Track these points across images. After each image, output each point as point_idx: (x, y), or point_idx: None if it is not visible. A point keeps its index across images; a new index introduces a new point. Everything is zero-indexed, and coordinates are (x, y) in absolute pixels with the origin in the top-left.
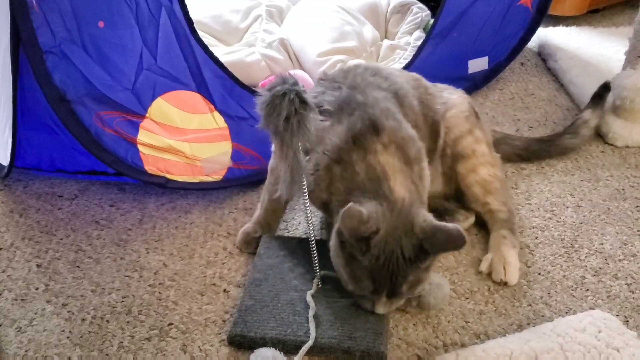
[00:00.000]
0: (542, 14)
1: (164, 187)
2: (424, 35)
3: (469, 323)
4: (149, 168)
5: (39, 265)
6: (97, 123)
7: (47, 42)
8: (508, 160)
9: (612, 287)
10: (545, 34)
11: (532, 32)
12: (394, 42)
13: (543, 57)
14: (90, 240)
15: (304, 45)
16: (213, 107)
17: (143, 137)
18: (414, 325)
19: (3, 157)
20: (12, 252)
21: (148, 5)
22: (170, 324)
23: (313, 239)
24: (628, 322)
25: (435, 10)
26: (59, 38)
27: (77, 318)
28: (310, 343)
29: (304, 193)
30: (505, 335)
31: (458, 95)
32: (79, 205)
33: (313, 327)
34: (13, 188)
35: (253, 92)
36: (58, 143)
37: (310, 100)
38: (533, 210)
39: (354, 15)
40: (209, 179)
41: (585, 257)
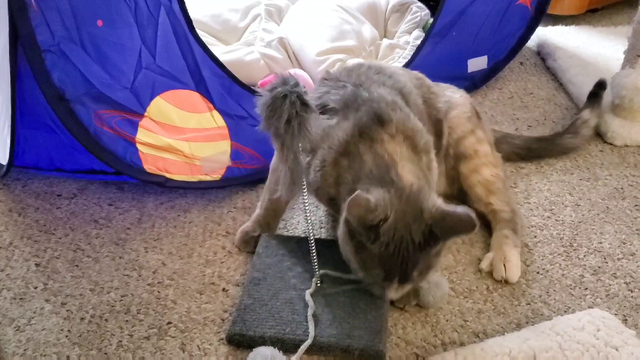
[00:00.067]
0: (541, 13)
1: (163, 186)
2: (423, 35)
3: (468, 322)
4: (148, 167)
5: (38, 264)
6: (96, 122)
7: (45, 40)
8: (508, 160)
9: (610, 286)
10: (545, 33)
11: (531, 31)
12: (393, 41)
13: (542, 56)
14: (89, 239)
15: (303, 45)
16: (212, 106)
17: (142, 136)
18: (413, 324)
19: (2, 156)
20: (10, 251)
21: (147, 4)
22: (169, 323)
23: (312, 238)
24: (627, 320)
25: (435, 10)
26: (58, 37)
27: (75, 317)
28: (309, 342)
29: (304, 194)
30: (504, 334)
31: (460, 95)
32: (78, 205)
33: (312, 325)
34: (12, 187)
35: (252, 91)
36: (57, 142)
37: (312, 102)
38: (532, 209)
39: (353, 15)
40: (208, 178)
41: (584, 256)
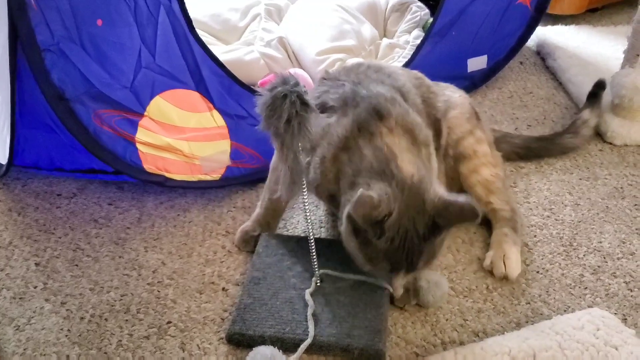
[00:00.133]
0: (540, 13)
1: (163, 185)
2: (423, 34)
3: (468, 321)
4: (148, 167)
5: (38, 264)
6: (95, 121)
7: (45, 40)
8: (507, 159)
9: (610, 285)
10: (544, 33)
11: (530, 30)
12: (393, 40)
13: (542, 55)
14: (89, 239)
15: (303, 44)
16: (212, 105)
17: (142, 135)
18: (413, 324)
19: (1, 155)
20: (10, 250)
21: (146, 4)
22: (169, 323)
23: (312, 238)
24: (626, 320)
25: (434, 9)
26: (57, 36)
27: (75, 316)
28: (309, 341)
29: (304, 193)
30: (504, 333)
31: (459, 95)
32: (78, 204)
33: (312, 325)
34: (11, 187)
35: (252, 91)
36: (56, 141)
37: (311, 102)
38: (532, 209)
39: (353, 14)
40: (208, 178)
41: (584, 255)
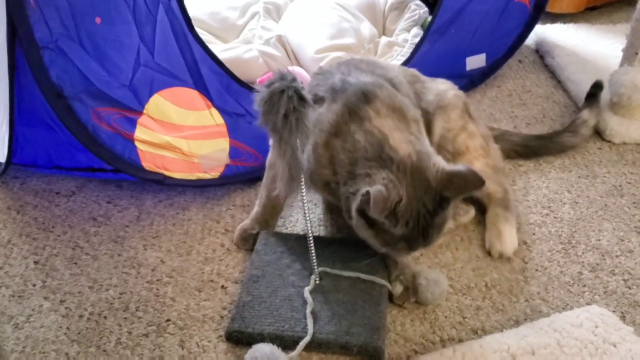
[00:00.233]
0: (539, 11)
1: (162, 184)
2: (422, 32)
3: (466, 319)
4: (147, 165)
5: (37, 262)
6: (94, 119)
7: (43, 38)
8: (506, 157)
9: (609, 282)
10: (543, 31)
11: (529, 29)
12: (392, 39)
13: (541, 54)
14: (88, 237)
15: (302, 42)
16: (210, 103)
17: (140, 133)
18: (412, 321)
19: (0, 154)
20: (9, 248)
21: (145, 2)
22: (168, 320)
23: (311, 236)
24: (625, 317)
25: (433, 7)
26: (56, 34)
27: (74, 314)
28: (308, 338)
29: (302, 190)
30: (503, 331)
31: (452, 91)
32: (77, 202)
33: (311, 322)
34: (10, 185)
35: (251, 89)
36: (55, 139)
37: (309, 97)
38: (530, 207)
39: (352, 12)
40: (207, 176)
41: (583, 253)
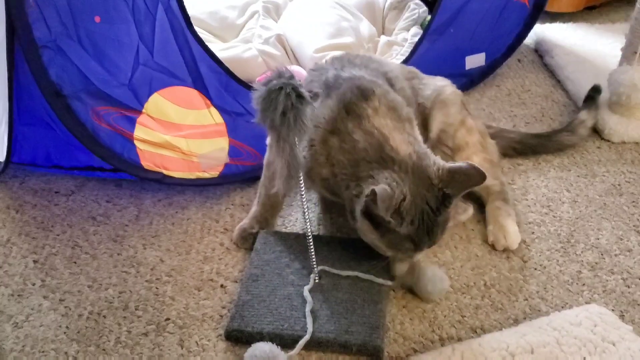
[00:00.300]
0: (538, 11)
1: (161, 183)
2: (421, 32)
3: (465, 317)
4: (146, 164)
5: (36, 261)
6: (93, 118)
7: (42, 36)
8: (505, 155)
9: (608, 281)
10: (542, 31)
11: (528, 28)
12: (391, 38)
13: (540, 53)
14: (87, 236)
15: (301, 41)
16: (209, 102)
17: (139, 132)
18: (411, 320)
19: None
20: (8, 248)
21: (145, 1)
22: (168, 319)
23: (310, 235)
24: (624, 316)
25: (432, 7)
26: (55, 33)
27: (73, 313)
28: (307, 337)
29: (301, 188)
30: (502, 330)
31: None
32: (76, 201)
33: (310, 321)
34: (9, 184)
35: (250, 88)
36: (54, 138)
37: (307, 95)
38: (529, 206)
39: (351, 11)
40: (206, 175)
41: (582, 252)
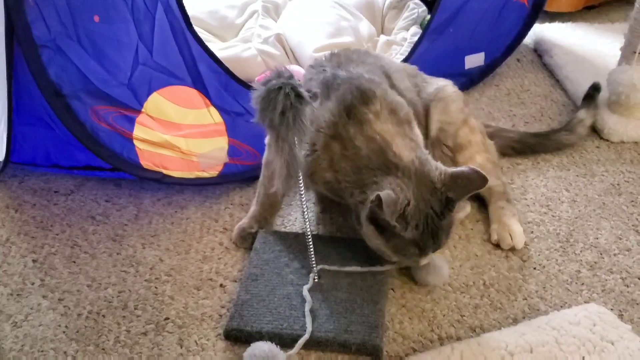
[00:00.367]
0: (538, 10)
1: (160, 182)
2: (421, 31)
3: (465, 317)
4: (145, 163)
5: (35, 261)
6: (92, 118)
7: (42, 36)
8: (503, 154)
9: (607, 281)
10: (542, 30)
11: (528, 28)
12: (391, 37)
13: (539, 53)
14: (86, 236)
15: (301, 41)
16: (209, 102)
17: (139, 132)
18: (410, 319)
19: None
20: (7, 247)
21: (144, 0)
22: (167, 319)
23: (309, 234)
24: (623, 315)
25: (432, 6)
26: (54, 32)
27: (73, 313)
28: (307, 336)
29: (300, 187)
30: (501, 329)
31: (454, 90)
32: (75, 201)
33: (309, 320)
34: (9, 183)
35: (249, 87)
36: (53, 138)
37: (306, 94)
38: (529, 205)
39: (351, 11)
40: (205, 175)
41: (581, 251)
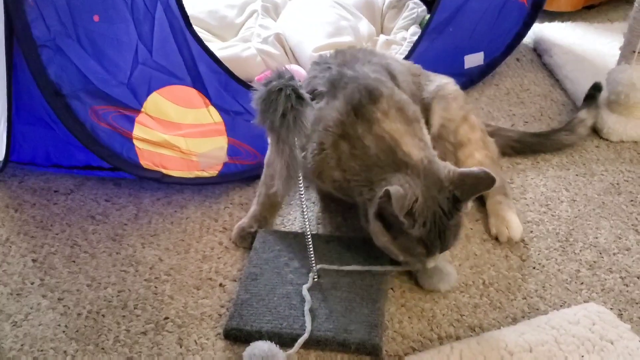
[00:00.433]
0: (537, 10)
1: (160, 182)
2: (420, 31)
3: (464, 316)
4: (145, 163)
5: (35, 260)
6: (92, 117)
7: (41, 35)
8: (503, 154)
9: (606, 280)
10: (541, 30)
11: (527, 27)
12: (390, 37)
13: (538, 52)
14: (86, 235)
15: (300, 41)
16: (208, 101)
17: (138, 131)
18: (409, 319)
19: None
20: (7, 247)
21: (144, 0)
22: (166, 318)
23: (309, 234)
24: (622, 315)
25: (431, 6)
26: (54, 32)
27: (72, 312)
28: (306, 336)
29: (300, 188)
30: (500, 328)
31: (455, 88)
32: (75, 200)
33: (309, 320)
34: (8, 183)
35: (249, 87)
36: (53, 137)
37: (307, 96)
38: (528, 205)
39: (350, 11)
40: (205, 174)
41: (580, 251)
